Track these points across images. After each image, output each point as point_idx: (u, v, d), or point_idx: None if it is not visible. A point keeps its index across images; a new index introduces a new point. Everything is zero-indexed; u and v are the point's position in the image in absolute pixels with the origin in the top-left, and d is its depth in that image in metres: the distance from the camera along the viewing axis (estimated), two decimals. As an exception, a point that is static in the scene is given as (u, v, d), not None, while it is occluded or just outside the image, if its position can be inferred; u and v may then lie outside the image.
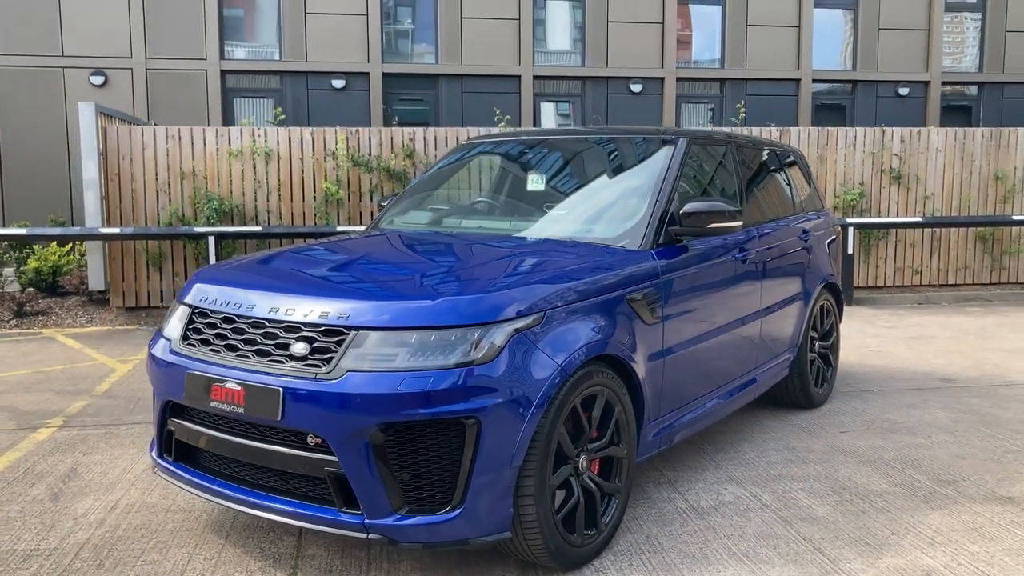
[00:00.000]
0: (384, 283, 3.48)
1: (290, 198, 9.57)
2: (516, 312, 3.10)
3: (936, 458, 4.66)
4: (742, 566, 3.36)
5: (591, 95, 17.68)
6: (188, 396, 3.29)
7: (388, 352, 2.99)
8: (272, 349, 3.16)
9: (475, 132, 9.86)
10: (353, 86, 16.82)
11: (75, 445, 4.94)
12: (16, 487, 4.27)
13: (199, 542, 3.60)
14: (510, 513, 3.05)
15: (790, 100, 18.85)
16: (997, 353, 7.49)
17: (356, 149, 9.60)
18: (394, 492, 2.96)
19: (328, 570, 3.34)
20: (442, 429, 2.95)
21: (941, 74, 19.47)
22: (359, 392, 2.93)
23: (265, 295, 3.31)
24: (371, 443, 2.93)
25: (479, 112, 16.72)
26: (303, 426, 3.02)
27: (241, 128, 9.46)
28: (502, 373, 2.99)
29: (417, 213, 4.79)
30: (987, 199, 11.18)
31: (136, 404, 5.85)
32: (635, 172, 4.41)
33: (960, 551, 3.49)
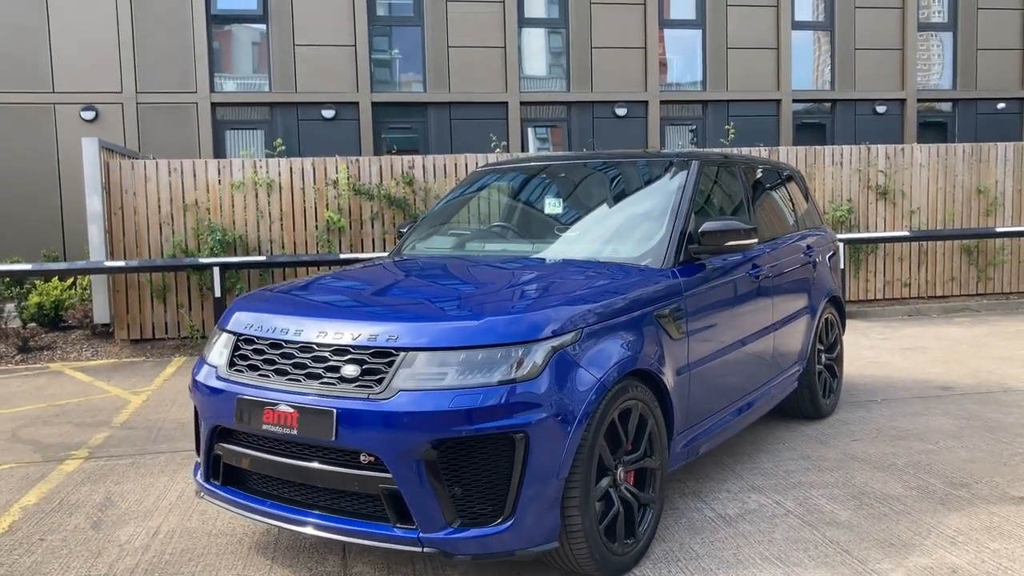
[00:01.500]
0: (427, 306, 3.61)
1: (292, 227, 9.69)
2: (556, 330, 3.24)
3: (946, 462, 4.83)
4: (776, 569, 3.49)
5: (577, 120, 17.96)
6: (239, 420, 3.40)
7: (437, 371, 3.12)
8: (322, 372, 3.28)
9: (472, 158, 10.04)
10: (343, 116, 16.99)
11: (105, 475, 5.01)
12: (55, 517, 4.34)
13: (246, 563, 3.69)
14: (557, 524, 3.18)
15: (771, 120, 19.22)
16: (991, 361, 7.70)
17: (357, 177, 9.74)
18: (447, 506, 3.08)
19: (378, 586, 3.45)
20: (492, 444, 3.08)
21: (916, 92, 19.95)
22: (411, 410, 3.06)
23: (312, 320, 3.43)
24: (424, 459, 3.05)
25: (468, 139, 16.93)
26: (356, 445, 3.14)
27: (243, 159, 9.59)
28: (546, 389, 3.13)
29: (439, 238, 4.94)
30: (971, 212, 11.47)
31: (157, 434, 5.92)
32: (652, 194, 4.58)
33: (982, 549, 3.65)
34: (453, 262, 4.44)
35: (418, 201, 9.88)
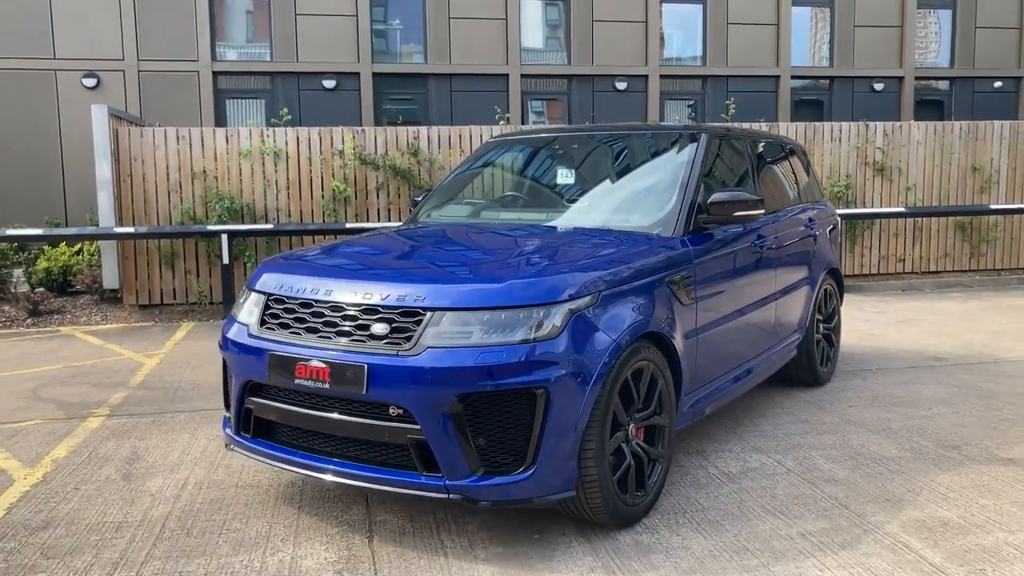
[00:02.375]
0: (451, 269, 3.78)
1: (299, 196, 9.82)
2: (574, 293, 3.41)
3: (939, 427, 5.04)
4: (779, 521, 3.70)
5: (577, 93, 18.03)
6: (271, 376, 3.58)
7: (463, 330, 3.29)
8: (352, 330, 3.45)
9: (476, 130, 10.16)
10: (344, 86, 17.04)
11: (128, 432, 5.19)
12: (86, 469, 4.52)
13: (275, 513, 3.89)
14: (575, 474, 3.37)
15: (770, 96, 19.32)
16: (982, 334, 7.92)
17: (362, 148, 9.86)
18: (471, 456, 3.27)
19: (402, 533, 3.64)
20: (514, 398, 3.27)
21: (914, 70, 20.05)
22: (439, 366, 3.24)
23: (341, 282, 3.60)
24: (451, 412, 3.24)
25: (469, 111, 17.02)
26: (386, 398, 3.32)
27: (250, 128, 9.69)
28: (565, 348, 3.31)
29: (454, 207, 5.10)
30: (965, 189, 11.66)
31: (174, 395, 6.10)
32: (662, 165, 4.74)
33: (971, 504, 3.86)
34: (471, 229, 4.60)
35: (423, 172, 10.01)
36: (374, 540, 3.57)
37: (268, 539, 3.60)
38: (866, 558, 3.33)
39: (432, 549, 3.48)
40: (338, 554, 3.45)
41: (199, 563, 3.39)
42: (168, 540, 3.60)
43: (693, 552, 3.41)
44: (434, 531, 3.65)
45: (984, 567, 3.25)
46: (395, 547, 3.50)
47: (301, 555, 3.45)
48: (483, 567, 3.31)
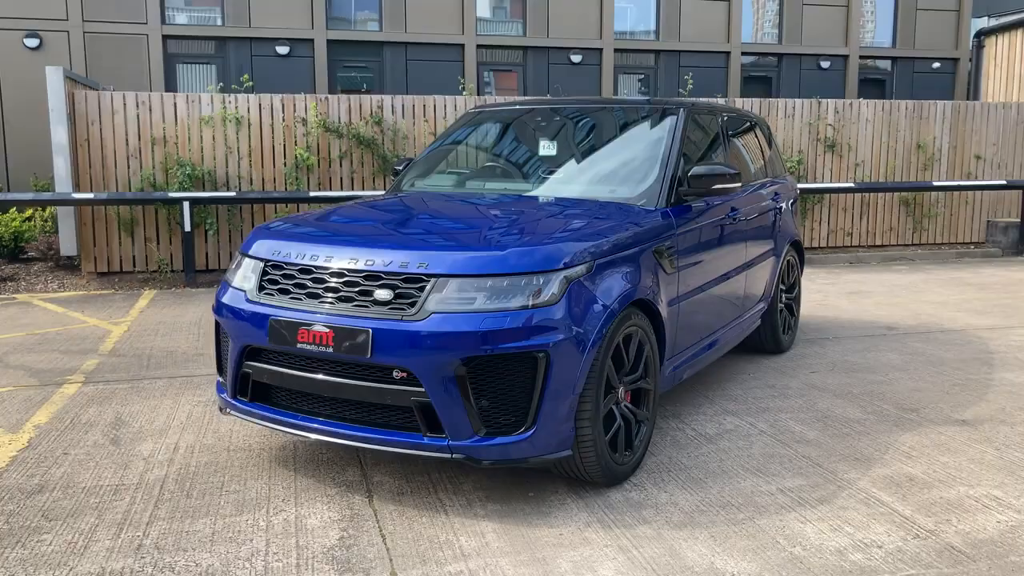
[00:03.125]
0: (452, 237, 3.87)
1: (261, 164, 9.74)
2: (570, 262, 3.54)
3: (897, 391, 5.33)
4: (758, 478, 3.92)
5: (533, 65, 18.06)
6: (272, 340, 3.64)
7: (466, 296, 3.40)
8: (355, 296, 3.53)
9: (441, 100, 10.16)
10: (297, 52, 16.80)
11: (108, 398, 5.18)
12: (71, 434, 4.52)
13: (271, 474, 3.96)
14: (572, 434, 3.52)
15: (720, 72, 19.61)
16: (928, 305, 8.30)
17: (326, 115, 9.81)
18: (474, 417, 3.39)
19: (400, 493, 3.75)
20: (516, 362, 3.39)
21: (859, 48, 20.54)
22: (444, 331, 3.35)
23: (342, 248, 3.67)
24: (454, 375, 3.35)
25: (424, 80, 16.95)
26: (390, 362, 3.42)
27: (212, 94, 9.56)
28: (564, 314, 3.44)
29: (438, 177, 5.18)
30: (910, 166, 12.09)
31: (148, 361, 6.08)
32: (643, 138, 4.88)
33: (933, 462, 4.13)
34: (460, 198, 4.69)
35: (386, 141, 10.01)
36: (374, 500, 3.68)
37: (269, 499, 3.68)
38: (843, 511, 3.56)
39: (432, 507, 3.60)
40: (341, 513, 3.55)
41: (204, 523, 3.46)
42: (169, 502, 3.66)
43: (681, 507, 3.60)
44: (431, 491, 3.77)
45: (949, 517, 3.51)
46: (396, 506, 3.62)
47: (304, 514, 3.54)
48: (484, 523, 3.45)
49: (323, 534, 3.36)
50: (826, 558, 3.16)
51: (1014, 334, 6.96)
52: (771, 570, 3.07)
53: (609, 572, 3.06)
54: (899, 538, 3.32)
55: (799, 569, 3.07)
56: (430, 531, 3.39)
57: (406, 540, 3.31)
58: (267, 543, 3.28)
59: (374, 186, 10.00)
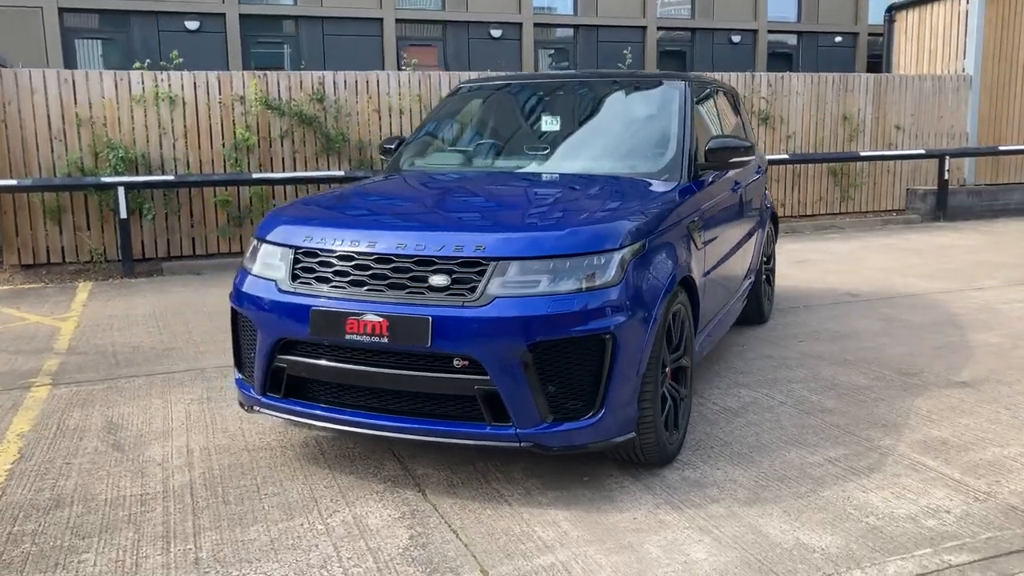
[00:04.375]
0: (500, 217, 3.71)
1: (198, 145, 9.24)
2: (630, 239, 3.45)
3: (889, 356, 5.47)
4: (801, 450, 3.94)
5: (453, 40, 17.80)
6: (316, 332, 3.42)
7: (529, 279, 3.27)
8: (407, 282, 3.35)
9: (384, 76, 9.85)
10: (208, 28, 16.05)
11: (89, 400, 4.81)
12: (65, 442, 4.17)
13: (305, 474, 3.75)
14: (635, 416, 3.45)
15: (637, 46, 19.79)
16: (877, 272, 8.59)
17: (264, 93, 9.37)
18: (541, 404, 3.28)
19: (451, 485, 3.61)
20: (583, 345, 3.28)
21: (767, 23, 21.10)
22: (510, 316, 3.21)
23: (384, 233, 3.47)
24: (521, 361, 3.22)
25: (343, 57, 16.47)
26: (453, 350, 3.26)
27: (143, 72, 8.99)
28: (627, 294, 3.36)
29: (441, 155, 4.98)
30: (837, 138, 12.48)
31: (116, 359, 5.69)
32: (652, 112, 4.81)
33: (955, 424, 4.25)
34: (482, 177, 4.50)
35: (329, 119, 9.64)
36: (427, 494, 3.52)
37: (316, 500, 3.48)
38: (896, 478, 3.61)
39: (491, 498, 3.47)
40: (398, 509, 3.38)
41: (257, 530, 3.23)
42: (208, 510, 3.41)
43: (741, 484, 3.58)
44: (483, 481, 3.64)
45: (997, 479, 3.61)
46: (452, 499, 3.47)
47: (361, 514, 3.35)
48: (553, 512, 3.34)
49: (390, 534, 3.19)
50: (902, 526, 3.19)
51: (968, 296, 7.27)
52: (856, 542, 3.08)
53: (701, 554, 3.01)
54: (961, 502, 3.39)
55: (882, 539, 3.10)
56: (501, 523, 3.26)
57: (480, 534, 3.17)
58: (335, 548, 3.08)
59: (317, 166, 9.64)
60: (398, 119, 9.91)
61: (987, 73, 13.21)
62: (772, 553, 3.01)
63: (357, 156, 9.77)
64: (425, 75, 10.02)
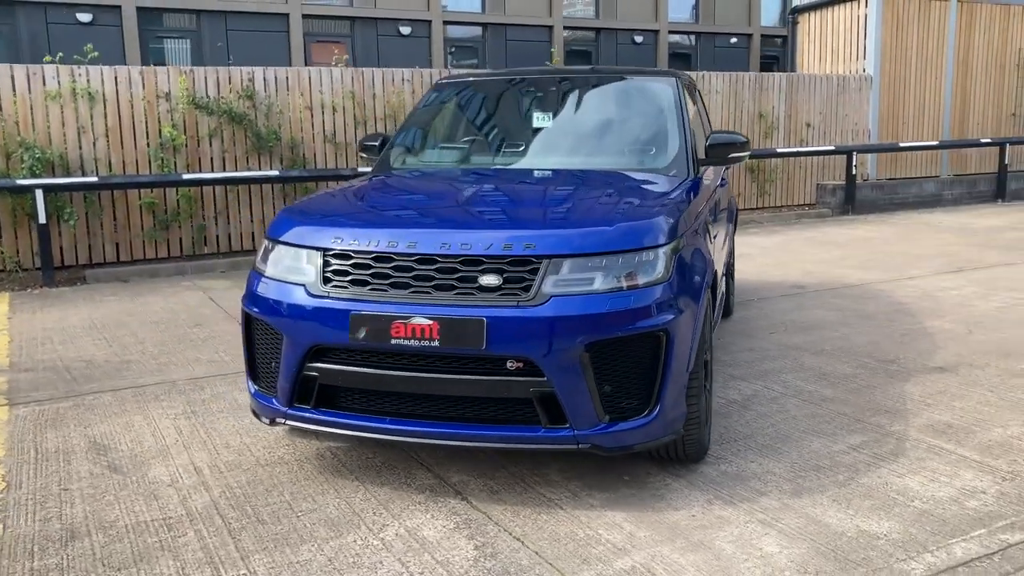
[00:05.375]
0: (547, 213, 3.61)
1: (120, 145, 8.70)
2: (673, 234, 3.43)
3: (860, 345, 5.66)
4: (821, 439, 4.02)
5: (361, 36, 17.43)
6: (356, 337, 3.25)
7: (583, 276, 3.20)
8: (454, 283, 3.22)
9: (316, 72, 9.54)
10: (102, 20, 15.16)
11: (58, 420, 4.44)
12: (52, 466, 3.83)
13: (336, 488, 3.56)
14: (684, 413, 3.43)
15: (544, 46, 19.89)
16: (811, 264, 8.91)
17: (191, 90, 8.91)
18: (598, 404, 3.22)
19: (493, 491, 3.50)
20: (639, 342, 3.24)
21: (668, 24, 21.62)
22: (567, 315, 3.13)
23: (425, 232, 3.34)
24: (579, 361, 3.15)
25: (248, 52, 15.87)
26: (509, 352, 3.16)
27: (57, 66, 8.39)
28: (675, 289, 3.33)
29: (434, 152, 4.84)
30: (754, 135, 12.88)
31: (70, 374, 5.28)
32: (649, 107, 4.81)
33: (952, 408, 4.42)
34: (498, 173, 4.35)
35: (260, 117, 9.26)
36: (472, 502, 3.41)
37: (359, 515, 3.30)
38: (922, 462, 3.73)
39: (540, 503, 3.39)
40: (450, 520, 3.25)
41: (309, 550, 3.04)
42: (246, 531, 3.19)
43: (780, 475, 3.62)
44: (525, 485, 3.54)
45: (1013, 458, 3.77)
46: (501, 506, 3.37)
47: (413, 526, 3.21)
48: (610, 513, 3.29)
49: (452, 545, 3.06)
50: (948, 508, 3.29)
51: (905, 285, 7.62)
52: (914, 526, 3.15)
53: (773, 547, 3.01)
54: (991, 482, 3.52)
55: (936, 522, 3.18)
56: (562, 528, 3.18)
57: (546, 541, 3.09)
58: (402, 563, 2.94)
59: (248, 166, 9.25)
60: (331, 117, 9.62)
61: (885, 73, 13.92)
62: (840, 542, 3.04)
63: (289, 155, 9.43)
64: (358, 72, 9.76)
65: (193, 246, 9.07)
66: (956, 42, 14.63)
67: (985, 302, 6.88)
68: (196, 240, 9.07)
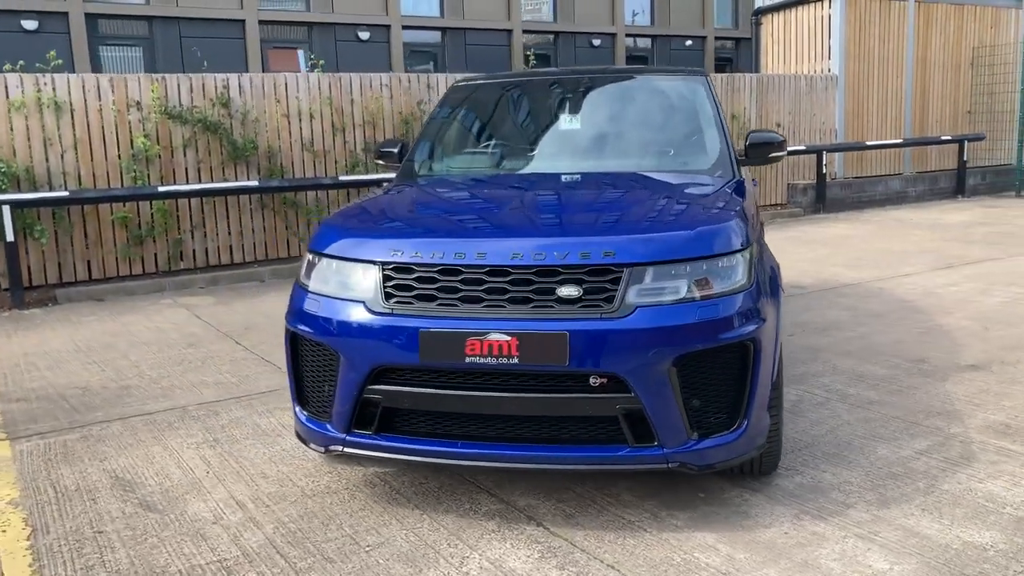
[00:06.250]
0: (619, 219, 3.41)
1: (90, 157, 8.26)
2: (749, 239, 3.28)
3: (883, 344, 5.60)
4: (885, 445, 3.90)
5: (319, 42, 17.05)
6: (427, 356, 3.03)
7: (667, 285, 3.03)
8: (531, 295, 3.02)
9: (292, 78, 9.22)
10: (48, 28, 14.54)
11: (71, 455, 4.11)
12: (77, 506, 3.52)
13: (398, 518, 3.32)
14: (768, 425, 3.28)
15: (504, 49, 19.76)
16: (801, 263, 8.88)
17: (164, 98, 8.53)
18: (687, 420, 3.04)
19: (568, 516, 3.30)
20: (728, 353, 3.08)
21: (624, 27, 21.66)
22: (655, 326, 2.96)
23: (494, 242, 3.13)
24: (668, 375, 2.98)
25: (200, 59, 15.38)
26: (594, 367, 2.97)
27: (20, 75, 7.93)
28: (757, 296, 3.18)
29: (463, 158, 4.63)
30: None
31: (67, 403, 4.93)
32: (682, 107, 4.66)
33: (1001, 407, 4.36)
34: (546, 178, 4.12)
35: (236, 125, 8.91)
36: (548, 527, 3.20)
37: (432, 547, 3.07)
38: (995, 465, 3.64)
39: (621, 526, 3.20)
40: (531, 548, 3.05)
41: (390, 590, 2.81)
42: (315, 570, 2.94)
43: (859, 485, 3.49)
44: (597, 508, 3.35)
45: (1084, 457, 3.71)
46: (581, 530, 3.17)
47: (495, 557, 2.99)
48: (699, 535, 3.11)
49: (545, 578, 2.86)
50: (1042, 513, 3.20)
51: (902, 283, 7.62)
52: (1018, 535, 3.04)
53: (882, 564, 2.87)
54: (1073, 483, 3.45)
55: (1034, 529, 3.08)
56: (655, 553, 3.00)
57: (643, 568, 2.90)
58: (497, 601, 2.72)
59: (224, 176, 8.88)
60: (308, 124, 9.31)
61: (850, 72, 14.07)
62: (947, 555, 2.92)
63: (266, 165, 9.09)
64: (336, 77, 9.47)
65: (169, 261, 8.67)
66: (915, 41, 14.87)
67: (988, 297, 6.90)
68: (172, 255, 8.68)
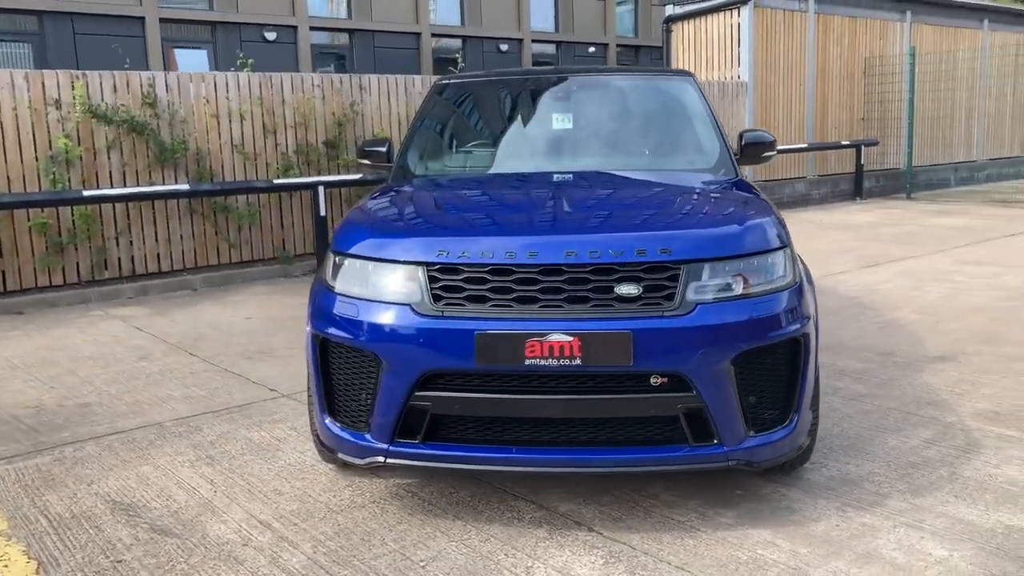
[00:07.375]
0: (668, 216, 3.35)
1: (3, 158, 7.66)
2: (786, 237, 3.31)
3: (848, 340, 5.77)
4: (893, 435, 4.01)
5: (224, 41, 16.42)
6: (483, 360, 2.91)
7: (725, 281, 3.02)
8: (589, 294, 2.95)
9: (221, 76, 8.82)
10: (-72, 22, 13.49)
11: (51, 480, 3.77)
12: (82, 536, 3.22)
13: (442, 529, 3.18)
14: (811, 421, 3.31)
15: (413, 53, 19.54)
16: (738, 263, 9.10)
17: (87, 97, 8.00)
18: (745, 417, 3.04)
19: (616, 520, 3.23)
20: (782, 349, 3.09)
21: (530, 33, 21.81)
22: (717, 323, 2.94)
23: (546, 240, 3.05)
24: (728, 372, 2.97)
25: (98, 58, 14.57)
26: (657, 366, 2.92)
27: (-74, 69, 7.28)
28: (802, 292, 3.22)
29: (457, 157, 4.50)
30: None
31: (25, 424, 4.53)
32: (676, 107, 4.68)
33: (985, 396, 4.55)
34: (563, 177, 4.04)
35: (163, 126, 8.45)
36: (601, 532, 3.13)
37: (490, 558, 2.96)
38: (1002, 451, 3.79)
39: (674, 526, 3.16)
40: (593, 554, 2.97)
41: (464, 605, 2.68)
42: (375, 590, 2.78)
43: (884, 476, 3.57)
44: (644, 510, 3.30)
45: (1078, 440, 3.91)
46: (635, 533, 3.11)
47: (560, 565, 2.90)
48: (755, 532, 3.11)
49: (619, 584, 2.79)
50: (1064, 495, 3.34)
51: (842, 281, 7.91)
52: (1049, 516, 3.17)
53: (940, 550, 2.94)
54: (1079, 465, 3.62)
55: (1063, 510, 3.22)
56: (718, 552, 2.97)
57: (714, 568, 2.87)
58: (581, 610, 2.63)
59: (150, 180, 8.40)
60: (239, 125, 8.93)
61: (759, 80, 14.58)
62: (998, 539, 3.01)
63: (195, 167, 8.66)
64: (266, 77, 9.11)
65: (93, 271, 8.13)
66: (815, 51, 15.55)
67: (924, 293, 7.23)
68: (96, 264, 8.14)
